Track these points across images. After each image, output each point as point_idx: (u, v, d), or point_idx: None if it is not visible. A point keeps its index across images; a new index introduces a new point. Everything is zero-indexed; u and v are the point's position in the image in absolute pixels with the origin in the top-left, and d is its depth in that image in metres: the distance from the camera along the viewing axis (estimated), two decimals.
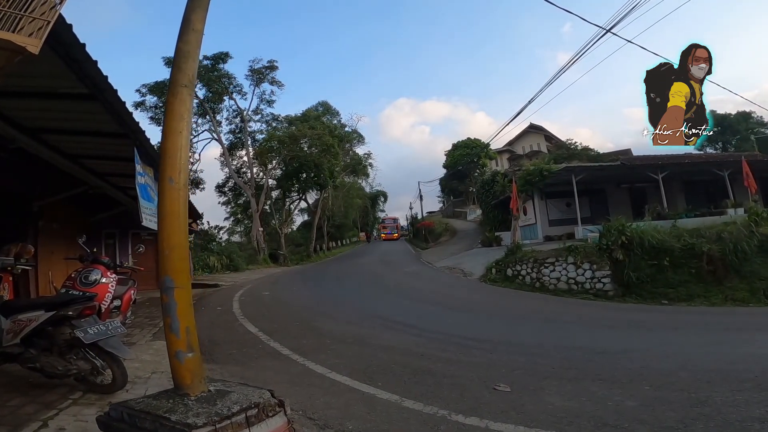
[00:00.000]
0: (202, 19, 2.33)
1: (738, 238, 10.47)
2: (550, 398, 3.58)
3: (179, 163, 2.11)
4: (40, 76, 3.70)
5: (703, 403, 3.29)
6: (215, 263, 20.54)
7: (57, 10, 2.31)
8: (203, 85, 28.52)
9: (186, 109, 2.18)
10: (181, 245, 2.06)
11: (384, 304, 9.37)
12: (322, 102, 38.04)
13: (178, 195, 2.09)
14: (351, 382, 4.15)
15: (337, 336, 6.22)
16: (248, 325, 7.08)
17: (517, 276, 12.71)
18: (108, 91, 3.84)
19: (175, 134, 2.12)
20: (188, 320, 1.97)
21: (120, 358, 3.42)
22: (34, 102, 4.38)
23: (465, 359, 4.96)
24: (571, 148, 36.12)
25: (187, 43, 2.26)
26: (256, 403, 1.82)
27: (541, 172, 16.79)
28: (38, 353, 3.35)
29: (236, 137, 31.27)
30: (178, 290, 1.97)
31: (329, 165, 27.95)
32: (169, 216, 2.05)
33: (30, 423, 2.83)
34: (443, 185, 49.92)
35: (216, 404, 1.79)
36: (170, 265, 2.00)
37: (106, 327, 3.41)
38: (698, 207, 16.45)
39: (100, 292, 4.90)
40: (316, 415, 3.32)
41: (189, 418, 1.65)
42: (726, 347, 5.43)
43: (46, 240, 8.08)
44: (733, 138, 35.29)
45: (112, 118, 4.39)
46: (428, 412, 3.36)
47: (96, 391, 3.46)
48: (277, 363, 4.97)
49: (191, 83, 2.23)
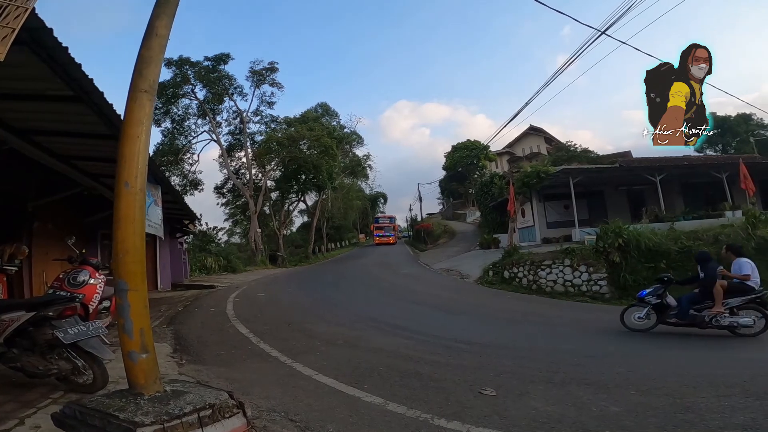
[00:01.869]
0: (167, 25, 2.34)
1: (735, 241, 10.41)
2: (535, 403, 3.56)
3: (136, 167, 2.12)
4: (26, 79, 3.70)
5: (687, 409, 3.26)
6: (212, 264, 20.56)
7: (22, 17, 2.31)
8: (203, 86, 28.64)
9: (145, 114, 2.18)
10: (135, 248, 2.07)
11: (378, 307, 9.35)
12: (322, 103, 38.17)
13: (134, 199, 2.10)
14: (337, 384, 4.13)
15: (328, 338, 6.21)
16: (240, 327, 7.06)
17: (514, 278, 12.71)
18: (94, 93, 3.85)
19: (133, 139, 2.13)
20: (143, 322, 1.99)
21: (101, 359, 3.41)
22: (24, 104, 4.38)
23: (454, 362, 4.94)
24: (571, 150, 36.14)
25: (149, 48, 2.26)
26: (211, 404, 1.82)
27: (538, 174, 16.81)
28: (20, 353, 3.36)
29: (235, 138, 31.38)
30: (132, 293, 1.99)
31: (328, 166, 28.00)
32: (123, 220, 2.06)
33: (7, 420, 2.84)
34: (443, 187, 49.95)
35: (168, 404, 1.79)
36: (124, 268, 2.02)
37: (87, 327, 3.41)
38: (696, 209, 16.41)
39: (87, 293, 4.93)
40: (298, 417, 3.30)
41: (137, 416, 1.66)
42: (716, 352, 5.41)
43: (41, 241, 8.09)
44: (732, 140, 35.19)
45: (100, 119, 4.41)
46: (411, 416, 3.34)
47: (77, 391, 3.46)
48: (264, 364, 4.95)
49: (152, 88, 2.23)
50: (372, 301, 10.32)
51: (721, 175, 16.42)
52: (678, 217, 14.91)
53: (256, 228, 27.26)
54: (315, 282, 14.76)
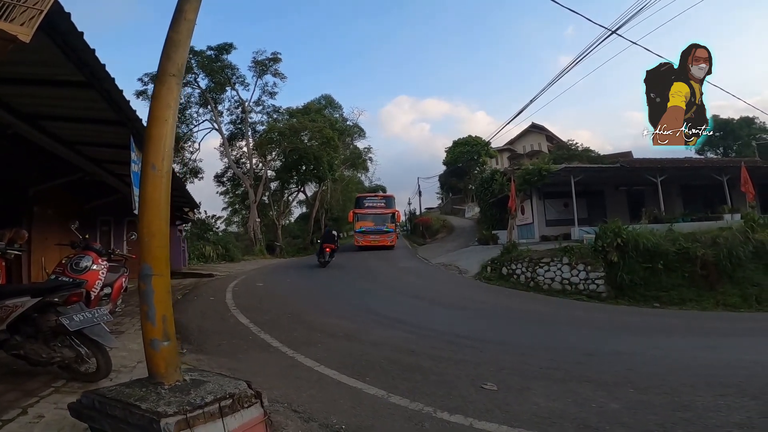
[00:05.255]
0: (194, 9, 2.32)
1: (733, 244, 10.49)
2: (536, 398, 3.60)
3: (163, 150, 2.11)
4: (37, 63, 3.65)
5: (685, 408, 3.32)
6: (211, 253, 20.57)
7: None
8: (206, 75, 28.49)
9: (173, 98, 2.17)
10: (161, 232, 2.05)
11: (377, 299, 9.39)
12: (325, 95, 38.05)
13: (161, 182, 2.08)
14: (339, 376, 4.16)
15: (328, 330, 6.24)
16: (240, 317, 7.09)
17: (512, 275, 12.75)
18: (105, 79, 3.82)
19: (161, 122, 2.12)
20: (165, 308, 1.97)
21: (105, 347, 3.39)
22: (32, 89, 4.33)
23: (455, 357, 4.98)
24: (572, 148, 36.04)
25: (178, 32, 2.24)
26: (231, 394, 1.83)
27: (539, 171, 16.78)
28: (23, 340, 3.31)
29: (237, 128, 31.31)
30: (156, 278, 1.97)
31: (329, 158, 27.97)
32: (150, 203, 2.05)
33: (9, 410, 2.82)
34: (442, 182, 49.80)
35: (189, 393, 1.79)
36: (150, 252, 2.00)
37: (92, 315, 3.39)
38: (695, 211, 16.47)
39: (90, 279, 4.89)
40: (302, 408, 3.33)
41: (160, 406, 1.65)
42: (714, 352, 5.46)
43: (41, 226, 8.06)
44: (734, 143, 35.23)
45: (109, 106, 4.38)
46: (414, 408, 3.38)
47: (80, 379, 3.44)
48: (266, 355, 4.99)
49: (180, 73, 2.22)
50: (371, 293, 10.35)
51: (721, 178, 16.45)
52: (677, 218, 14.95)
53: (255, 217, 27.26)
54: (313, 273, 14.78)
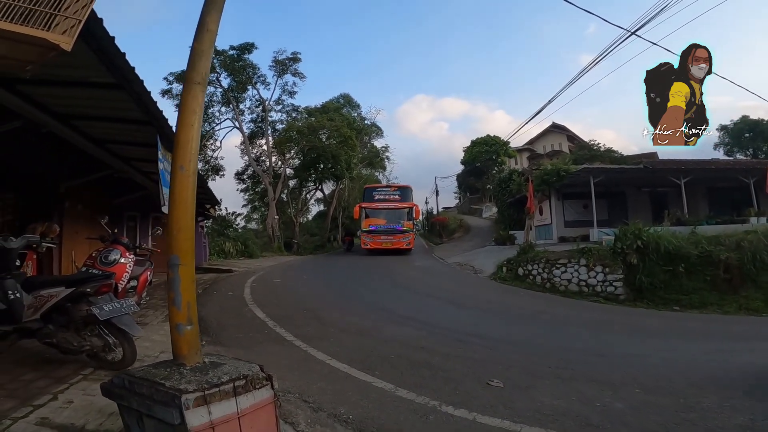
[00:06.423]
0: (216, 20, 2.49)
1: (757, 248, 10.21)
2: (541, 396, 3.66)
3: (190, 152, 2.31)
4: (72, 66, 3.90)
5: (690, 409, 3.33)
6: (230, 249, 21.05)
7: (88, 8, 2.50)
8: (228, 75, 29.11)
9: (198, 104, 2.36)
10: (187, 227, 2.26)
11: (390, 298, 9.52)
12: (344, 94, 38.36)
13: (188, 182, 2.28)
14: (349, 369, 4.31)
15: (341, 326, 6.40)
16: (257, 311, 7.33)
17: (528, 275, 12.67)
18: (135, 81, 4.07)
19: (188, 127, 2.31)
20: (190, 295, 2.17)
21: (131, 336, 3.60)
22: (67, 90, 4.62)
23: (464, 354, 5.06)
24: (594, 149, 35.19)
25: (201, 42, 2.42)
26: (245, 375, 2.00)
27: (558, 172, 16.59)
28: (56, 329, 3.50)
29: (257, 126, 31.89)
30: (183, 267, 2.17)
31: (346, 156, 28.19)
32: (178, 200, 2.25)
33: (41, 396, 3.00)
34: (460, 181, 49.50)
35: (208, 374, 1.96)
36: (177, 245, 2.20)
37: (121, 305, 3.61)
38: (721, 214, 15.98)
39: (118, 271, 5.18)
40: (312, 398, 3.49)
41: (182, 384, 1.83)
42: (727, 355, 5.38)
43: (71, 220, 8.49)
44: (765, 144, 33.89)
45: (137, 106, 4.63)
46: (420, 402, 3.50)
47: (106, 367, 3.63)
48: (280, 348, 5.17)
49: (204, 81, 2.40)
50: (385, 291, 10.49)
51: (748, 180, 15.94)
52: (701, 221, 14.57)
53: (274, 215, 27.73)
54: (329, 271, 15.02)
